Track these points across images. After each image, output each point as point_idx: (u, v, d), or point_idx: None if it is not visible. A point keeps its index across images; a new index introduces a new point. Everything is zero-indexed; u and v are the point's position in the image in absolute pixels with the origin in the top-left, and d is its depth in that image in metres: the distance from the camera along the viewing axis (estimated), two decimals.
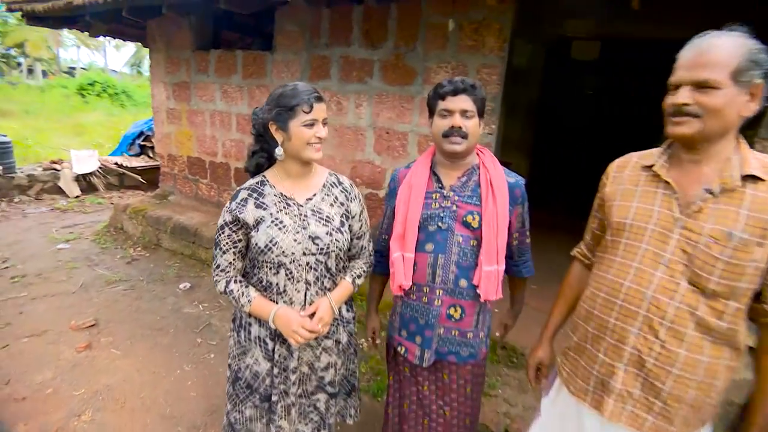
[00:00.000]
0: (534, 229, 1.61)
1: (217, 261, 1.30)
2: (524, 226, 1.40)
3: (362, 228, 1.47)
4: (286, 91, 1.23)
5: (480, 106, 1.29)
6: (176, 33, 4.06)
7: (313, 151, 1.25)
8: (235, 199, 1.28)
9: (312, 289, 1.32)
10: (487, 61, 2.66)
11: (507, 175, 1.34)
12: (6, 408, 2.15)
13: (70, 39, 25.90)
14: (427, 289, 1.37)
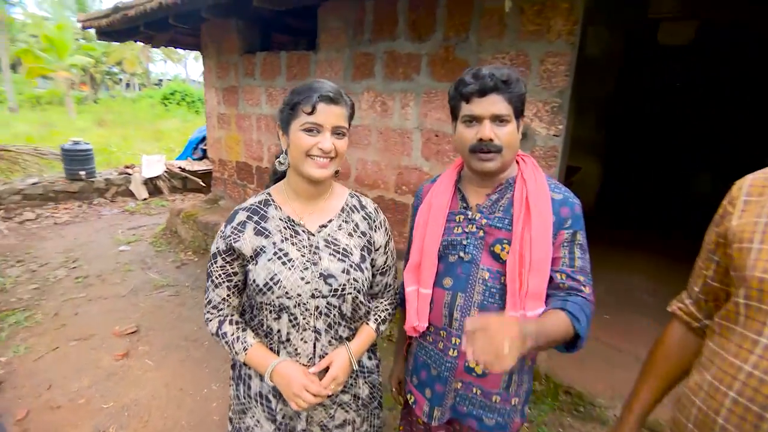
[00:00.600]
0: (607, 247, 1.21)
1: (209, 296, 1.08)
2: (573, 263, 0.98)
3: (387, 262, 1.19)
4: (299, 85, 1.01)
5: (518, 106, 0.97)
6: (225, 38, 4.06)
7: (314, 166, 0.98)
8: (231, 222, 1.05)
9: (323, 339, 1.05)
10: (553, 48, 2.21)
11: (553, 189, 1.02)
12: (41, 416, 2.16)
13: (158, 54, 28.68)
14: (444, 333, 1.06)
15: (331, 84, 1.00)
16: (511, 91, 0.94)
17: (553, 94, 2.24)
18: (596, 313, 1.18)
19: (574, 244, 0.99)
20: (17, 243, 4.49)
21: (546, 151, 2.33)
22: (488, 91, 0.93)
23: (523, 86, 0.97)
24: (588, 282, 0.99)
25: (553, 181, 1.06)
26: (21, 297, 3.38)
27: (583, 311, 0.93)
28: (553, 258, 0.98)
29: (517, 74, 0.97)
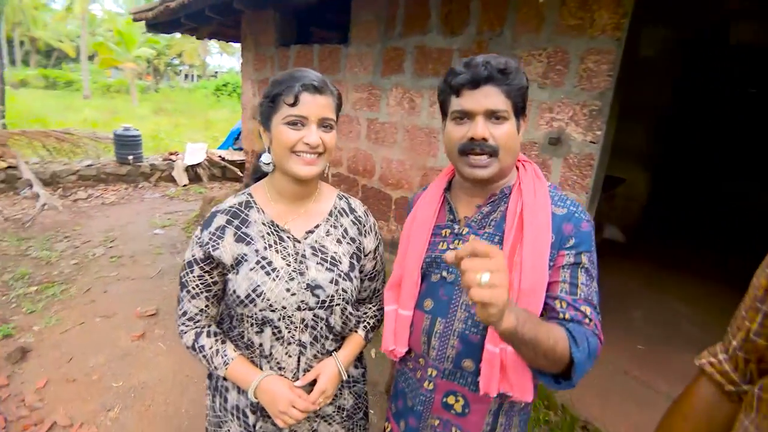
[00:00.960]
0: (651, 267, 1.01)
1: (184, 307, 0.98)
2: (575, 290, 0.79)
3: (376, 267, 1.11)
4: (279, 75, 0.92)
5: (518, 101, 0.82)
6: (263, 30, 4.10)
7: (300, 163, 0.89)
8: (208, 227, 0.94)
9: (308, 353, 0.97)
10: (595, 45, 1.99)
11: (557, 202, 0.86)
12: (57, 387, 2.26)
13: (215, 47, 30.14)
14: (422, 362, 0.93)
15: (315, 72, 0.91)
16: (510, 83, 0.79)
17: (593, 96, 2.02)
18: (629, 343, 1.00)
19: (578, 267, 0.81)
20: (68, 220, 4.83)
21: (580, 159, 2.11)
22: (482, 82, 0.79)
23: (525, 78, 0.83)
24: (595, 316, 0.80)
25: (560, 192, 0.90)
26: (62, 271, 3.60)
27: (587, 339, 0.75)
28: (551, 283, 0.81)
29: (516, 63, 0.82)
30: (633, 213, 4.34)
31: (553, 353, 0.71)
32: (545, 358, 0.72)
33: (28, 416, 2.06)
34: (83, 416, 2.07)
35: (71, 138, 6.89)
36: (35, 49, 33.67)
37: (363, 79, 3.24)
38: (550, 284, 0.81)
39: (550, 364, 0.73)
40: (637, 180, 4.16)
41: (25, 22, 26.53)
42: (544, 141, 2.21)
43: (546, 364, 0.73)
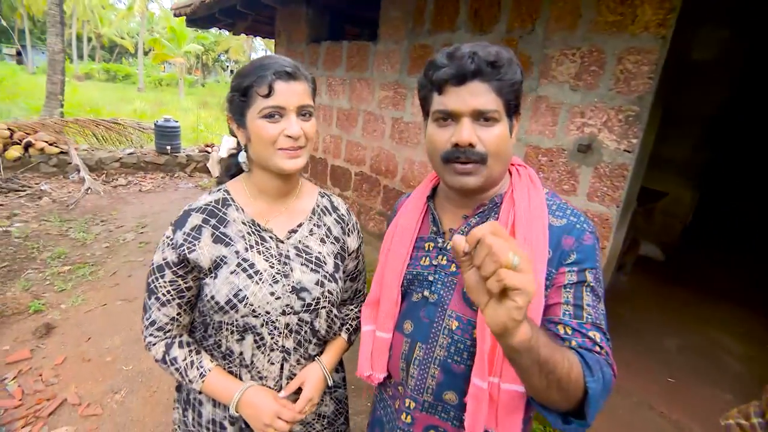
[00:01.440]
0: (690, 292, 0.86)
1: (152, 316, 0.89)
2: (580, 313, 0.68)
3: (358, 266, 1.08)
4: (246, 65, 0.85)
5: (511, 98, 0.70)
6: (296, 27, 4.12)
7: (285, 157, 0.83)
8: (181, 227, 0.86)
9: (291, 359, 0.92)
10: (636, 43, 1.80)
11: (555, 212, 0.76)
12: (73, 365, 2.35)
13: (260, 44, 31.13)
14: (401, 390, 0.84)
15: (285, 58, 0.85)
16: (501, 78, 0.68)
17: (630, 100, 1.84)
18: (659, 374, 0.85)
19: (582, 287, 0.70)
20: (107, 204, 5.08)
21: (613, 169, 1.93)
22: (468, 77, 0.68)
23: (519, 71, 0.72)
24: (605, 342, 0.67)
25: (558, 200, 0.79)
26: (94, 253, 3.78)
27: (601, 369, 0.62)
28: (551, 305, 0.70)
29: (510, 54, 0.71)
30: (674, 231, 4.00)
31: (567, 381, 0.58)
32: (558, 387, 0.58)
33: (43, 391, 2.14)
34: (92, 396, 2.13)
35: (118, 127, 7.28)
36: (100, 45, 36.26)
37: (390, 77, 3.17)
38: (550, 307, 0.70)
39: (563, 397, 0.60)
40: (681, 195, 3.82)
41: (93, 20, 28.63)
42: (573, 148, 2.05)
43: (558, 396, 0.60)
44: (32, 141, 5.65)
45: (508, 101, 0.71)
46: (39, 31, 30.25)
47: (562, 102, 2.09)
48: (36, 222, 4.27)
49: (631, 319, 2.92)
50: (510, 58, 0.70)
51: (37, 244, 3.75)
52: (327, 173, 4.09)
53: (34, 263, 3.45)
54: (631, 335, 2.68)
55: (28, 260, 3.48)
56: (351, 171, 3.76)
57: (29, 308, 2.80)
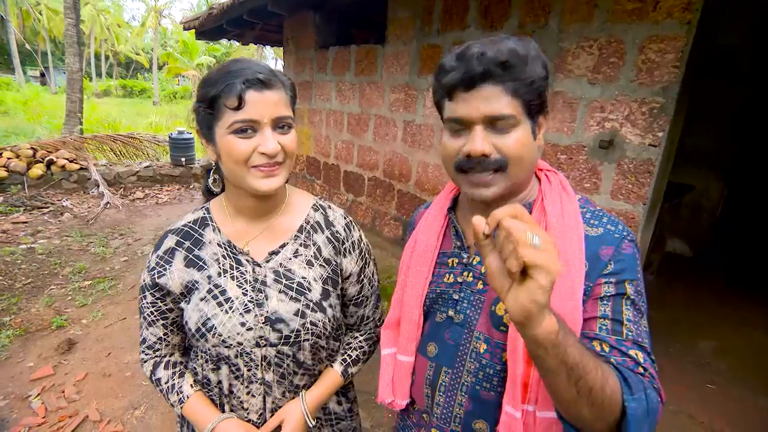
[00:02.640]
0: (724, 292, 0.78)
1: (143, 334, 0.88)
2: (620, 329, 0.61)
3: (363, 291, 0.94)
4: (213, 71, 0.74)
5: (532, 98, 0.62)
6: (303, 33, 4.11)
7: (259, 177, 0.73)
8: (157, 250, 0.83)
9: (274, 392, 0.84)
10: (658, 31, 1.70)
11: (589, 221, 0.68)
12: (94, 381, 2.36)
13: (270, 53, 31.55)
14: (426, 418, 0.77)
15: (259, 62, 0.74)
16: (517, 78, 0.61)
17: (654, 91, 1.74)
18: (697, 380, 0.78)
19: (621, 299, 0.62)
20: (125, 218, 5.17)
21: (637, 165, 1.83)
22: (477, 81, 0.61)
23: (541, 66, 0.63)
24: (650, 363, 0.60)
25: (593, 206, 0.71)
26: (113, 267, 3.83)
27: (644, 390, 0.55)
28: (587, 319, 0.62)
29: (527, 48, 0.62)
30: (702, 225, 3.81)
31: (601, 394, 0.51)
32: (590, 400, 0.51)
33: (65, 408, 2.16)
34: (112, 412, 2.13)
35: (135, 142, 7.44)
36: (117, 62, 37.39)
37: (400, 79, 3.12)
38: (586, 321, 0.63)
39: (596, 414, 0.53)
40: (709, 188, 3.64)
41: (110, 39, 29.54)
42: (594, 144, 1.95)
43: (590, 412, 0.53)
44: (54, 159, 5.81)
45: (529, 102, 0.63)
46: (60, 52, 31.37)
47: (580, 97, 1.99)
48: (58, 238, 4.36)
49: (661, 320, 2.78)
50: (526, 54, 0.62)
51: (59, 260, 3.82)
52: (340, 179, 4.05)
53: (57, 279, 3.51)
54: (662, 337, 2.55)
55: (51, 276, 3.55)
56: (364, 176, 3.71)
57: (52, 324, 2.84)
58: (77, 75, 8.24)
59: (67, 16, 7.93)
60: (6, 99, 15.14)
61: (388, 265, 3.19)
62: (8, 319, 2.84)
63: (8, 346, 2.58)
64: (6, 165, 5.51)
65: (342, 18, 4.06)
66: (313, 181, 4.54)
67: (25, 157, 5.72)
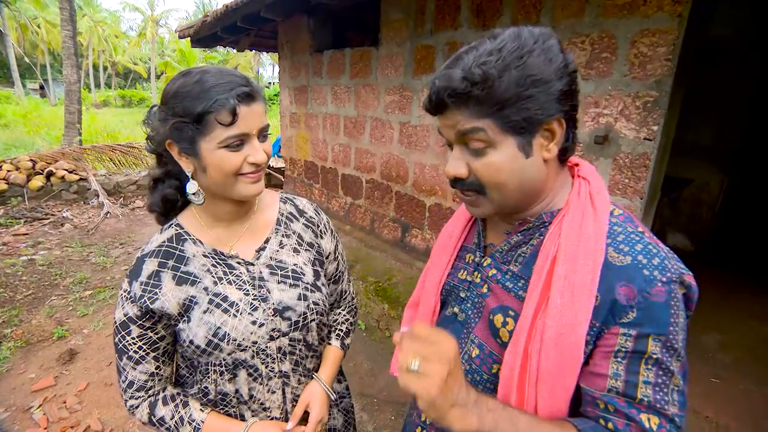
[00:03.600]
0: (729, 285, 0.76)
1: (128, 377, 0.81)
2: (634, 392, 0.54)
3: (339, 267, 1.01)
4: (186, 84, 0.70)
5: (509, 117, 0.55)
6: (298, 38, 4.12)
7: (248, 183, 0.76)
8: (137, 277, 0.78)
9: (292, 381, 0.87)
10: (650, 24, 1.70)
11: (618, 245, 0.57)
12: (96, 390, 2.36)
13: (268, 59, 31.68)
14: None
15: (235, 72, 0.74)
16: (480, 101, 0.54)
17: (647, 85, 1.73)
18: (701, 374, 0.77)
19: (641, 358, 0.54)
20: (125, 227, 5.18)
21: (633, 160, 1.82)
22: (438, 110, 0.59)
23: (526, 74, 0.53)
24: (667, 428, 0.53)
25: (633, 226, 0.60)
26: (114, 276, 3.83)
27: None
28: (592, 373, 0.57)
29: (498, 66, 0.53)
30: (703, 219, 3.79)
31: None
32: None
33: (67, 418, 2.15)
34: (114, 421, 2.13)
35: (134, 151, 7.45)
36: (115, 72, 37.59)
37: (395, 81, 3.12)
38: (595, 376, 0.57)
39: None
40: (709, 181, 3.63)
41: (108, 49, 29.71)
42: (590, 140, 1.95)
43: None
44: (53, 170, 5.83)
45: (505, 121, 0.55)
46: (59, 64, 31.55)
47: None
48: (59, 249, 4.37)
49: None
50: (489, 76, 0.53)
51: (60, 271, 3.83)
52: (338, 183, 4.06)
53: (58, 289, 3.51)
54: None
55: (52, 287, 3.55)
56: (362, 179, 3.71)
57: (53, 335, 2.84)
58: (75, 86, 8.28)
59: (63, 29, 7.97)
60: (6, 112, 15.21)
61: (388, 267, 3.19)
62: (9, 331, 2.84)
63: (9, 358, 2.58)
64: (6, 177, 5.53)
65: (336, 21, 4.07)
66: (311, 186, 4.54)
67: (24, 169, 5.74)
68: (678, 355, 0.55)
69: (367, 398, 2.29)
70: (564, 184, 0.65)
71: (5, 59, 24.93)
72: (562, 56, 0.55)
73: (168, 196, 0.84)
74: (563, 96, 0.56)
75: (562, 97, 0.56)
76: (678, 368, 0.55)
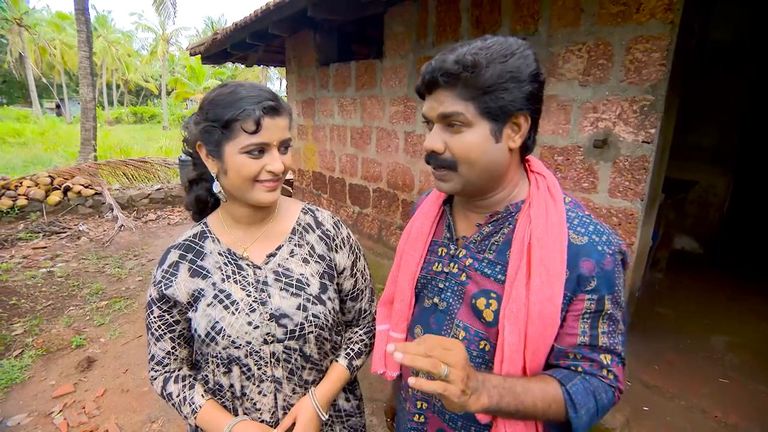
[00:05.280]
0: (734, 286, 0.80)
1: (151, 350, 0.93)
2: (595, 341, 0.69)
3: (358, 285, 1.00)
4: (221, 93, 0.80)
5: (485, 103, 0.64)
6: (305, 52, 4.25)
7: (263, 191, 0.81)
8: (162, 264, 0.89)
9: (285, 389, 0.89)
10: (643, 31, 1.76)
11: (576, 227, 0.70)
12: (113, 396, 2.42)
13: (275, 74, 32.28)
14: (411, 392, 0.84)
15: (264, 87, 0.82)
16: (467, 84, 0.64)
17: (643, 89, 1.79)
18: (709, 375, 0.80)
19: (599, 315, 0.69)
20: (138, 240, 5.31)
21: (633, 162, 1.86)
22: (429, 87, 0.67)
23: (506, 70, 0.63)
24: (616, 363, 0.70)
25: (581, 212, 0.73)
26: (129, 287, 3.93)
27: (595, 397, 0.67)
28: (569, 334, 0.69)
29: (483, 57, 0.63)
30: (710, 221, 3.78)
31: (545, 417, 0.67)
32: (535, 420, 0.69)
33: (86, 423, 2.22)
34: (131, 426, 2.19)
35: (146, 165, 7.63)
36: (128, 90, 38.60)
37: (399, 92, 3.21)
38: (566, 336, 0.70)
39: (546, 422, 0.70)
40: (715, 183, 3.62)
41: (120, 68, 30.58)
42: (589, 144, 2.00)
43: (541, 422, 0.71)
44: (70, 185, 6.01)
45: (483, 106, 0.64)
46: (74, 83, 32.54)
47: (572, 99, 2.05)
48: (76, 261, 4.50)
49: (672, 317, 2.76)
50: (477, 62, 0.63)
51: (77, 282, 3.94)
52: (346, 192, 4.13)
53: (75, 300, 3.62)
54: (673, 334, 2.53)
55: (70, 297, 3.66)
56: (369, 188, 3.79)
57: (72, 343, 2.93)
58: (91, 104, 8.55)
59: (81, 50, 8.27)
60: (25, 131, 15.71)
61: None
62: (31, 340, 2.94)
63: (31, 366, 2.67)
64: (26, 193, 5.72)
65: (342, 35, 4.20)
66: (319, 196, 4.63)
67: (43, 185, 5.93)
68: (621, 306, 0.70)
69: (376, 402, 2.32)
70: (522, 178, 0.76)
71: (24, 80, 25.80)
72: (535, 65, 0.66)
73: (200, 196, 0.92)
74: (531, 97, 0.66)
75: (531, 97, 0.66)
76: (621, 317, 0.70)
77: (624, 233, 1.94)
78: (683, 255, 3.79)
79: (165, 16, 19.09)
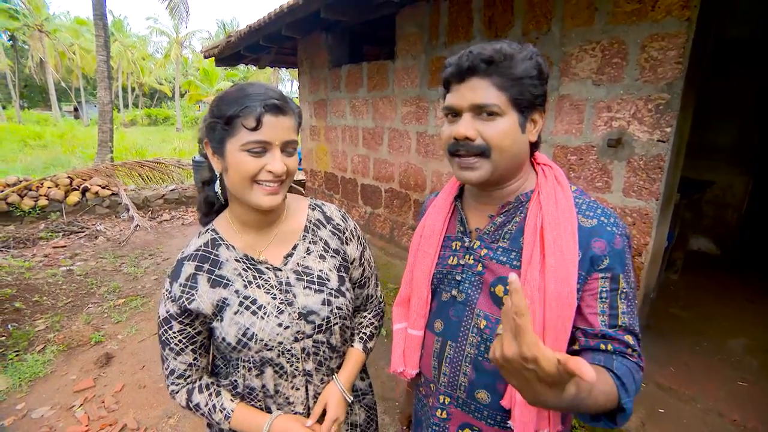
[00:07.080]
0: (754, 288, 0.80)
1: (170, 366, 0.89)
2: (616, 321, 0.70)
3: (365, 273, 1.05)
4: (229, 91, 0.80)
5: (517, 93, 0.68)
6: (317, 54, 4.29)
7: (262, 193, 0.78)
8: (177, 278, 0.85)
9: (315, 380, 0.93)
10: (659, 29, 1.75)
11: (585, 212, 0.74)
12: (130, 392, 2.48)
13: (287, 75, 32.55)
14: (433, 387, 0.85)
15: (273, 88, 0.80)
16: (503, 73, 0.67)
17: (659, 88, 1.77)
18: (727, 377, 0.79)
19: (617, 294, 0.70)
20: (153, 239, 5.41)
21: (647, 161, 1.84)
22: (465, 74, 0.69)
23: (530, 67, 0.68)
24: (638, 343, 0.71)
25: (587, 198, 0.77)
26: (144, 285, 4.02)
27: (633, 378, 0.66)
28: (589, 314, 0.70)
29: (514, 49, 0.69)
30: (728, 221, 3.71)
31: (603, 404, 0.62)
32: (597, 408, 0.62)
33: (106, 417, 2.28)
34: (148, 421, 2.24)
35: (160, 167, 7.78)
36: (142, 92, 39.33)
37: (411, 92, 3.22)
38: (588, 315, 0.71)
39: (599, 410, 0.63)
40: (732, 183, 3.56)
41: (135, 71, 31.16)
42: (603, 143, 1.98)
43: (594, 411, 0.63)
44: (88, 186, 6.16)
45: (514, 96, 0.68)
46: (92, 87, 33.28)
47: (586, 98, 2.04)
48: (94, 260, 4.61)
49: (688, 318, 2.71)
50: (512, 53, 0.68)
51: (96, 280, 4.04)
52: (358, 192, 4.16)
53: (94, 298, 3.71)
54: (689, 336, 2.49)
55: (89, 295, 3.76)
56: (381, 188, 3.80)
57: (91, 340, 3.01)
58: (108, 107, 8.75)
59: (99, 54, 8.47)
60: (45, 134, 16.13)
61: None
62: (52, 336, 3.02)
63: (53, 361, 2.75)
64: (47, 194, 5.88)
65: (353, 37, 4.23)
66: (331, 196, 4.66)
67: (63, 185, 6.09)
68: (632, 285, 0.72)
69: (388, 402, 2.34)
70: (530, 170, 0.80)
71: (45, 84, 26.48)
72: (547, 71, 0.72)
73: (209, 198, 0.92)
74: (543, 97, 0.72)
75: (543, 97, 0.72)
76: (634, 296, 0.72)
77: (639, 233, 1.92)
78: (700, 256, 3.73)
79: (179, 20, 19.43)
